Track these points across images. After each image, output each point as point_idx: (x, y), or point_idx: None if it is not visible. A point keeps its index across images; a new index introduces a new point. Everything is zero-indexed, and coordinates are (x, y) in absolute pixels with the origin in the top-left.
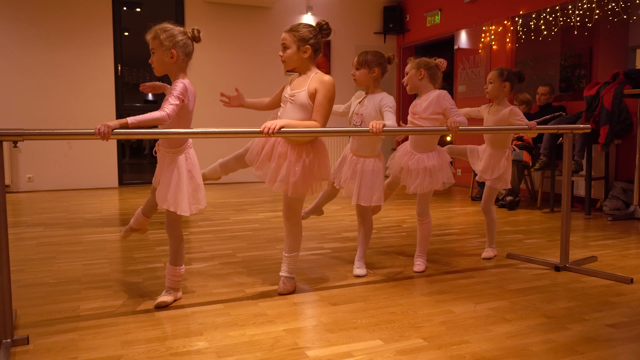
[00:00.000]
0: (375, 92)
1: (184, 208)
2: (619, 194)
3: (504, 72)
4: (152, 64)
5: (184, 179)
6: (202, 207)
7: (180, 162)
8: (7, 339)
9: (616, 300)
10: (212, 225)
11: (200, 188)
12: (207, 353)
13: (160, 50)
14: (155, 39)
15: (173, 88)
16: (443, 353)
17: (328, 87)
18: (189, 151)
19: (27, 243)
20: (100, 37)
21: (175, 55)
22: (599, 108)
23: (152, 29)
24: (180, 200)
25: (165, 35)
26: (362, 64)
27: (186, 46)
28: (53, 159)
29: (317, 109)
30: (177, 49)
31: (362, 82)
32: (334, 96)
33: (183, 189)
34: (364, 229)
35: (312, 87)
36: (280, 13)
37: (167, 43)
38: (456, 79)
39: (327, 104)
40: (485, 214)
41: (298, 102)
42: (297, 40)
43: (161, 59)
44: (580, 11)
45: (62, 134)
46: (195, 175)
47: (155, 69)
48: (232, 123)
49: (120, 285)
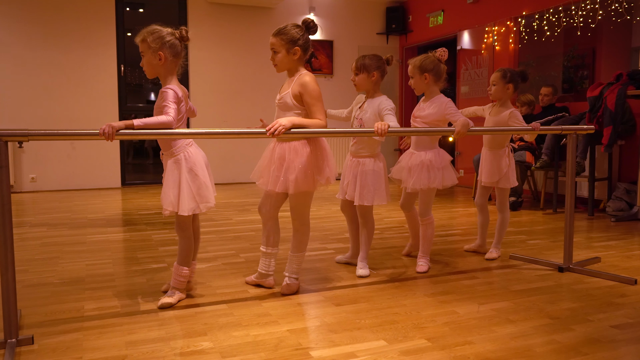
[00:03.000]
0: (374, 96)
1: (184, 208)
2: (622, 195)
3: (507, 74)
4: (143, 67)
5: (183, 179)
6: (211, 205)
7: (179, 162)
8: (12, 339)
9: (620, 301)
10: (215, 226)
11: (205, 186)
12: (211, 353)
13: (148, 53)
14: (143, 42)
15: (164, 96)
16: (447, 354)
17: (311, 87)
18: (189, 150)
19: (30, 243)
20: (103, 38)
21: (163, 57)
22: (602, 109)
23: (140, 32)
24: (180, 201)
25: (152, 38)
26: (360, 69)
27: (174, 47)
28: (56, 160)
29: (311, 110)
30: (164, 50)
31: (362, 86)
32: (319, 90)
33: (183, 189)
34: (366, 230)
35: (296, 90)
36: (283, 13)
37: (154, 45)
38: (459, 80)
39: (317, 101)
40: (500, 212)
41: (283, 104)
42: (285, 43)
43: (150, 61)
44: (584, 12)
45: (67, 134)
46: (199, 174)
47: (146, 72)
48: (234, 123)
49: (124, 285)
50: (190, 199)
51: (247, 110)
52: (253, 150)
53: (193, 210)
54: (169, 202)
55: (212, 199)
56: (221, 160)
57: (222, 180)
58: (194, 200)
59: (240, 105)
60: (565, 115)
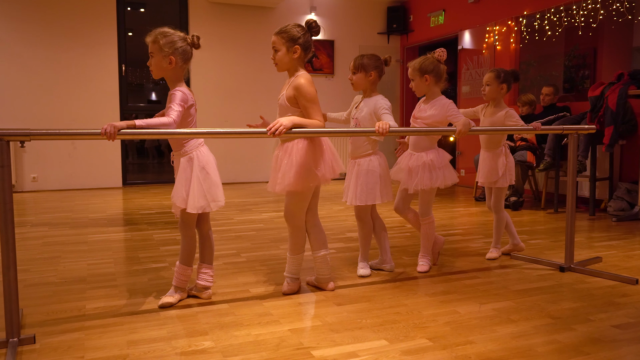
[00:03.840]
0: (371, 95)
1: (193, 205)
2: (623, 195)
3: (500, 74)
4: (150, 66)
5: (195, 177)
6: (221, 204)
7: (191, 160)
8: (14, 338)
9: (621, 301)
10: (217, 226)
11: (216, 185)
12: (212, 352)
13: (159, 55)
14: (154, 43)
15: (172, 98)
16: (448, 353)
17: (305, 90)
18: (201, 149)
19: (32, 242)
20: (104, 38)
21: (173, 62)
22: (603, 109)
23: (152, 32)
24: (190, 198)
25: (165, 41)
26: (358, 68)
27: (185, 53)
28: (57, 159)
29: (308, 112)
30: (176, 55)
31: (360, 86)
32: (314, 92)
33: (194, 187)
34: (362, 231)
35: (290, 92)
36: (284, 13)
37: (166, 49)
38: (460, 80)
39: (312, 103)
40: (495, 212)
41: (281, 105)
42: (286, 41)
43: (159, 63)
44: (585, 11)
45: (68, 134)
46: (210, 173)
47: (153, 73)
48: (235, 123)
49: (125, 284)
50: (201, 196)
51: (249, 109)
52: (254, 150)
53: (203, 208)
54: (180, 199)
55: (222, 198)
56: (222, 160)
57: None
58: (204, 198)
59: (242, 105)
60: (566, 115)
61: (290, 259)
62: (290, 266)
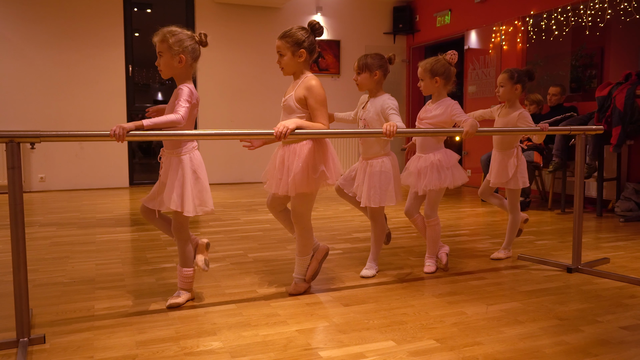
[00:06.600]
0: (377, 95)
1: (189, 208)
2: (630, 195)
3: (514, 75)
4: (158, 66)
5: (188, 180)
6: (209, 210)
7: (185, 163)
8: (25, 338)
9: (629, 302)
10: (223, 226)
11: (205, 190)
12: (220, 353)
13: (168, 54)
14: (163, 42)
15: (180, 93)
16: (455, 354)
17: (316, 91)
18: (194, 152)
19: (40, 243)
20: (111, 38)
21: (183, 60)
22: (611, 109)
23: (159, 32)
24: (185, 201)
25: (173, 40)
26: (362, 68)
27: (194, 51)
28: (65, 159)
29: (315, 114)
30: (185, 54)
31: (365, 86)
32: (325, 95)
33: (188, 189)
34: (376, 231)
35: (300, 93)
36: (290, 13)
37: (176, 48)
38: (466, 80)
39: (321, 105)
40: (510, 213)
41: (287, 107)
42: (291, 45)
43: (169, 63)
44: (592, 11)
45: (78, 135)
46: (201, 177)
47: (162, 72)
48: (241, 123)
49: (133, 285)
50: (193, 200)
51: (255, 110)
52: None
53: (195, 211)
54: (173, 202)
55: (210, 204)
56: (228, 160)
57: (229, 180)
58: (193, 202)
59: (248, 105)
60: (573, 115)
61: (299, 261)
62: (300, 267)
